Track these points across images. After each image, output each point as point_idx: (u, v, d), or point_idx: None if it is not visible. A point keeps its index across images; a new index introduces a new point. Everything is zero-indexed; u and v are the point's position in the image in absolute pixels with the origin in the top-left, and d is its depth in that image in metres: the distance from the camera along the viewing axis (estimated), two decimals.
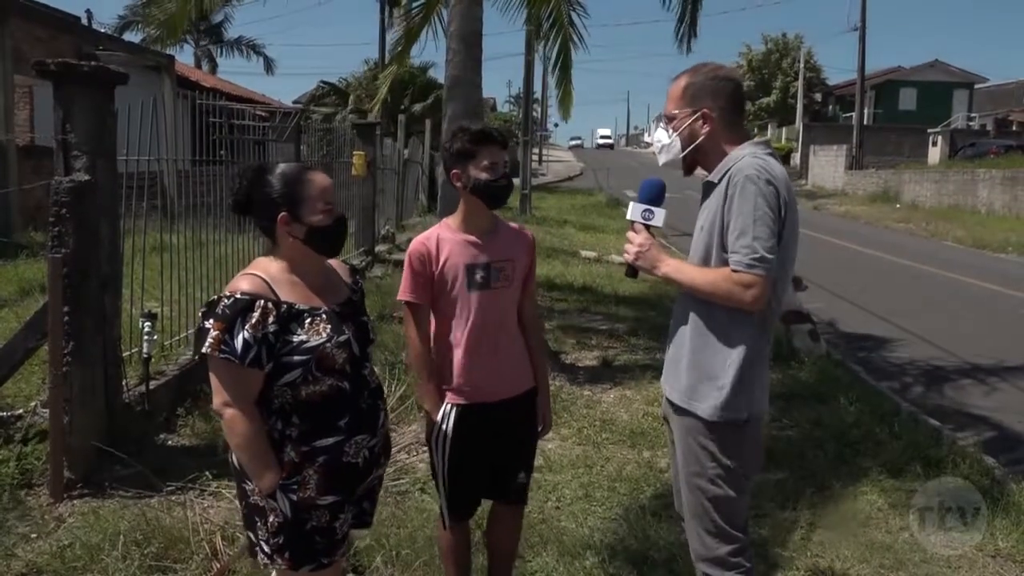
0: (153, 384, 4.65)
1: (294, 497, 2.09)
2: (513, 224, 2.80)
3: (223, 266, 5.98)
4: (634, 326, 7.63)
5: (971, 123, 41.64)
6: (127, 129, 4.52)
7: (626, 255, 2.32)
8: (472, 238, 2.59)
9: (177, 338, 5.35)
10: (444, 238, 2.59)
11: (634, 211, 2.31)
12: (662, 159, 2.35)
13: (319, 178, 2.20)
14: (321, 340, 2.08)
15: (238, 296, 2.03)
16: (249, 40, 39.26)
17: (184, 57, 32.21)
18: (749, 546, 2.32)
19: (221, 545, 3.28)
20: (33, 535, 3.45)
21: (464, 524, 2.80)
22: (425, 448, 4.49)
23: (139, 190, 4.73)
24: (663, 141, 2.32)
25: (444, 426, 2.60)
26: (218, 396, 2.04)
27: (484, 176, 2.50)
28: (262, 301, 2.04)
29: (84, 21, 18.44)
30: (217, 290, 5.87)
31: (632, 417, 5.09)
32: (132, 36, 31.15)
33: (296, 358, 2.06)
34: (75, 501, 3.76)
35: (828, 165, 35.83)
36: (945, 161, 31.25)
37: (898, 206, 26.19)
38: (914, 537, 3.65)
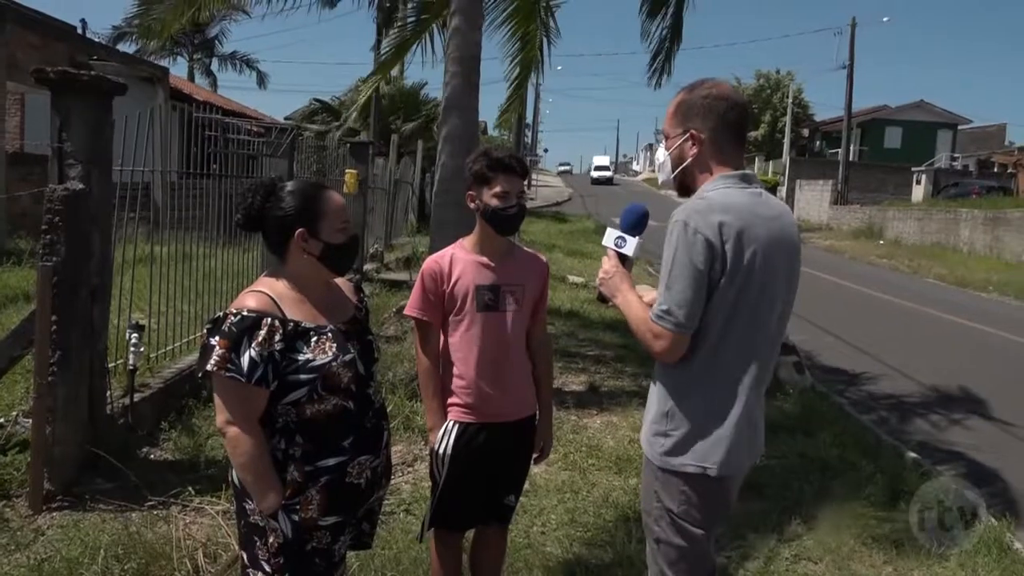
0: (137, 397, 4.60)
1: (296, 518, 2.06)
2: (528, 250, 2.84)
3: (211, 279, 5.96)
4: (621, 352, 7.64)
5: (954, 163, 42.30)
6: (123, 140, 4.53)
7: (601, 282, 2.25)
8: (485, 260, 2.62)
9: (163, 351, 5.30)
10: (458, 258, 2.62)
11: (608, 237, 2.26)
12: (660, 179, 2.29)
13: (336, 196, 2.21)
14: (327, 359, 2.06)
15: (244, 314, 2.00)
16: (243, 55, 39.32)
17: (178, 70, 32.26)
18: None
19: (203, 562, 3.24)
20: (11, 547, 3.39)
21: (456, 546, 2.80)
22: (410, 469, 4.52)
23: (129, 201, 4.72)
24: (659, 160, 2.26)
25: (445, 442, 2.61)
26: (221, 414, 2.02)
27: (495, 203, 2.53)
28: (269, 319, 2.01)
29: (79, 31, 18.42)
30: (205, 304, 5.86)
31: (618, 443, 5.08)
32: (126, 47, 31.16)
33: (302, 377, 2.04)
34: (55, 513, 3.71)
35: (814, 200, 36.24)
36: (928, 200, 31.68)
37: (882, 242, 26.49)
38: (897, 571, 3.67)
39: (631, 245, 2.23)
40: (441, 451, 2.61)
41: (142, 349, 4.61)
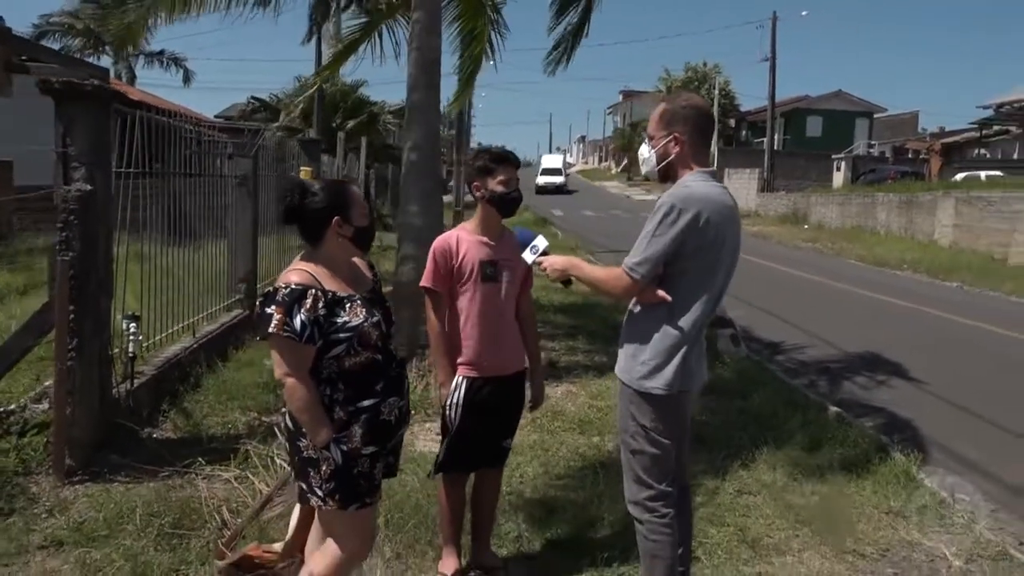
0: (135, 382, 4.94)
1: (344, 448, 2.54)
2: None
3: (169, 276, 6.08)
4: (572, 332, 8.24)
5: (871, 150, 44.47)
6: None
7: (557, 274, 2.86)
8: (485, 239, 3.14)
9: (148, 343, 5.60)
10: (462, 238, 3.14)
11: (530, 255, 2.93)
12: (644, 169, 2.89)
13: (356, 189, 2.74)
14: (360, 320, 2.55)
15: (293, 286, 2.48)
16: (172, 53, 38.62)
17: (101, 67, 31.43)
18: (669, 496, 2.77)
19: (228, 516, 3.66)
20: (43, 515, 3.74)
21: (462, 486, 3.30)
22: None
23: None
24: (644, 155, 2.85)
25: (457, 394, 3.12)
26: (279, 368, 2.49)
27: (500, 189, 3.07)
28: (313, 290, 2.50)
29: None
30: (169, 299, 6.08)
31: (579, 409, 5.66)
32: (49, 45, 30.32)
33: (341, 335, 2.52)
34: (77, 486, 4.06)
35: (742, 187, 37.62)
36: (848, 185, 33.32)
37: (806, 226, 27.83)
38: (822, 500, 4.32)
39: (541, 244, 2.92)
40: (453, 402, 3.13)
41: (140, 337, 4.94)
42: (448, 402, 3.15)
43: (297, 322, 2.45)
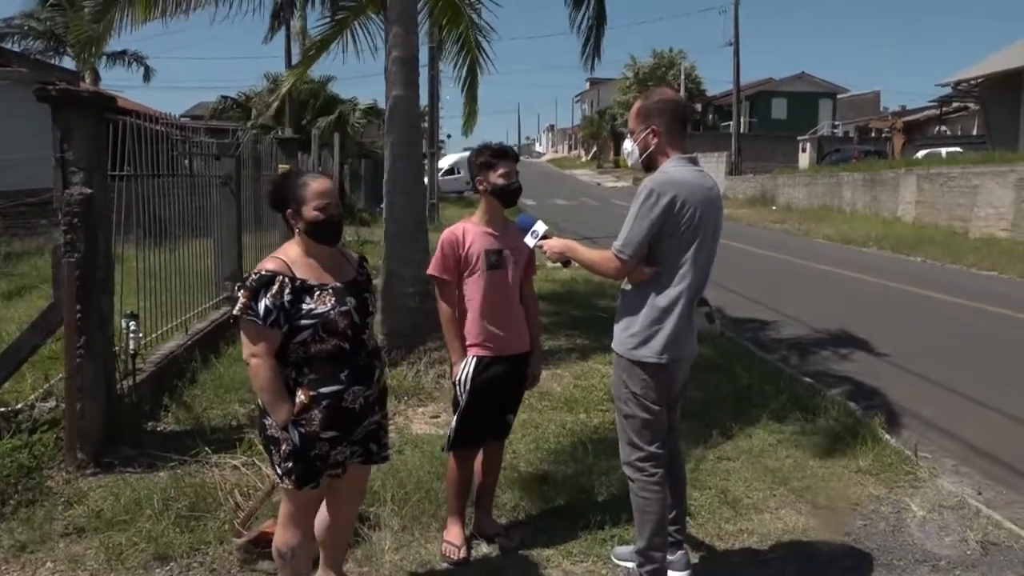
0: (137, 379, 5.10)
1: (302, 430, 2.66)
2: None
3: (160, 276, 6.19)
4: (554, 319, 8.49)
5: (835, 130, 45.19)
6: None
7: (556, 256, 3.15)
8: (489, 230, 3.39)
9: (148, 338, 5.76)
10: (468, 229, 3.38)
11: (531, 240, 3.23)
12: (629, 162, 3.17)
13: (314, 184, 2.77)
14: (326, 309, 2.67)
15: (263, 273, 2.65)
16: (134, 52, 38.18)
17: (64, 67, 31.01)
18: (658, 458, 3.04)
19: (240, 499, 3.86)
20: (59, 507, 3.91)
21: (472, 460, 3.54)
22: (392, 423, 5.21)
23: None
24: (628, 149, 3.12)
25: (466, 372, 3.36)
26: (246, 348, 2.65)
27: (501, 182, 3.31)
28: (281, 277, 2.65)
29: None
30: (162, 297, 6.20)
31: (564, 389, 5.92)
32: (10, 48, 29.84)
33: (305, 322, 2.65)
34: (91, 478, 4.23)
35: (710, 172, 36.31)
36: (814, 166, 33.93)
37: (774, 208, 28.36)
38: (796, 463, 4.62)
39: (541, 229, 3.22)
40: (463, 379, 3.37)
41: (140, 335, 5.10)
42: (458, 379, 3.39)
43: (261, 306, 2.59)
